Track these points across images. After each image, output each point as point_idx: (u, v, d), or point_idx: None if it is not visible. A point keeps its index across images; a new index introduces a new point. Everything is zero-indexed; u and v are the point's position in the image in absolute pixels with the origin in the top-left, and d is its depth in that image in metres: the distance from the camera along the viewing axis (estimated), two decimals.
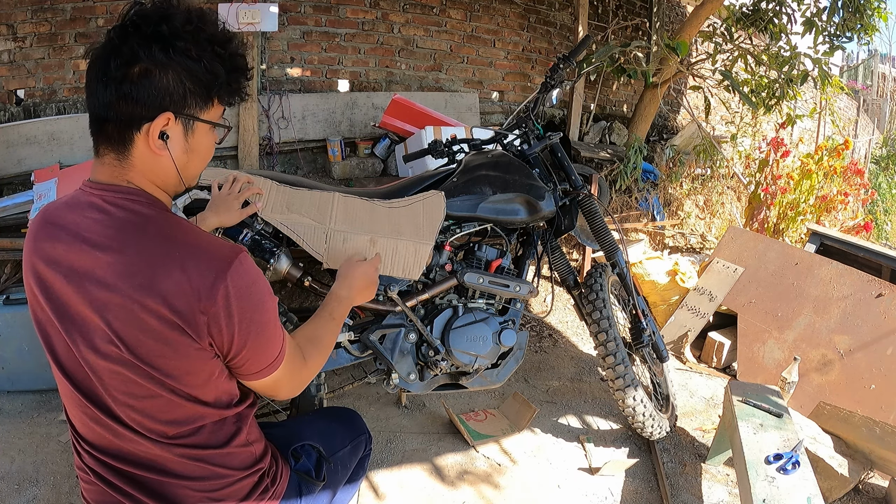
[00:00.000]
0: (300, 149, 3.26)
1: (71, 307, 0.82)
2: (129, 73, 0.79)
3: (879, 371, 2.28)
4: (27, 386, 2.21)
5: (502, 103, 4.08)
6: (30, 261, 0.86)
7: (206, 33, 0.84)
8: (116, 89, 0.80)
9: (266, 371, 0.91)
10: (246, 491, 0.95)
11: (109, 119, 0.82)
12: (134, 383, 0.83)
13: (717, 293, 2.87)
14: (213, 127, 0.91)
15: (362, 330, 1.56)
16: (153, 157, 0.85)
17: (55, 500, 1.70)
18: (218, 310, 0.81)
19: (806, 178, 3.64)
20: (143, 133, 0.82)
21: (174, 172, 0.87)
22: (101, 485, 0.90)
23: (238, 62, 0.89)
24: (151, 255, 0.80)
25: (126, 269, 0.80)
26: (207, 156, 0.93)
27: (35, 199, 2.35)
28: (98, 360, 0.82)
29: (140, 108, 0.81)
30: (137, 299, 0.79)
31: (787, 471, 1.54)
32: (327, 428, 1.22)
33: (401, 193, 1.65)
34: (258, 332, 0.86)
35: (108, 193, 0.84)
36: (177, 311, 0.79)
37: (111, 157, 0.85)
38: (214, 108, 0.89)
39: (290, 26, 3.23)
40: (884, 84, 11.13)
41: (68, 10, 2.75)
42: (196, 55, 0.82)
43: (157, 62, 0.80)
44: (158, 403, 0.85)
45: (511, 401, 2.27)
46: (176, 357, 0.82)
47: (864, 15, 3.44)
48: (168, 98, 0.82)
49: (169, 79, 0.81)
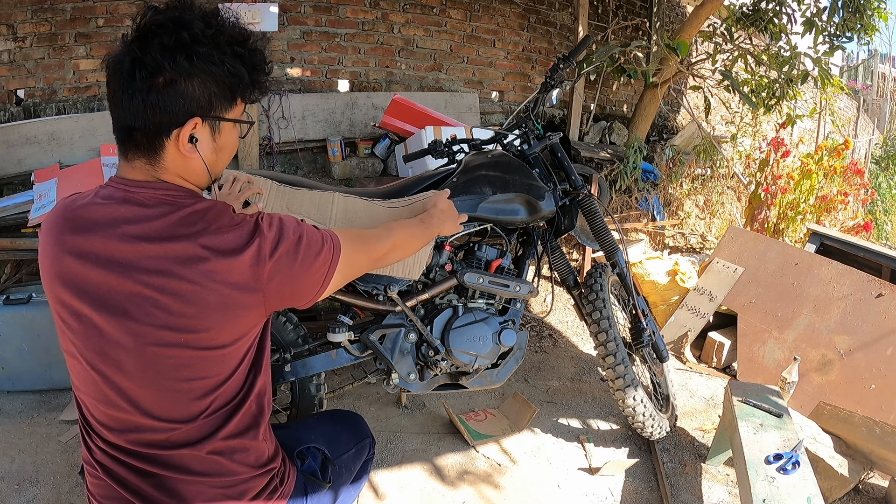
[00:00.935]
0: (300, 149, 3.26)
1: (113, 297, 0.83)
2: (155, 84, 0.81)
3: (879, 371, 2.28)
4: (27, 386, 2.21)
5: (502, 103, 4.08)
6: (56, 255, 0.85)
7: (226, 35, 0.85)
8: (143, 100, 0.81)
9: (330, 271, 0.96)
10: (258, 489, 0.96)
11: (137, 128, 0.84)
12: (184, 366, 0.86)
13: (717, 293, 2.87)
14: (236, 123, 0.93)
15: (362, 330, 1.56)
16: (184, 160, 0.87)
17: (55, 500, 1.70)
18: (272, 265, 0.87)
19: (806, 178, 3.64)
20: (172, 139, 0.85)
21: (204, 170, 0.91)
22: (110, 481, 0.90)
23: (258, 59, 0.90)
24: (201, 239, 0.84)
25: (179, 254, 0.83)
26: (233, 151, 0.97)
27: (35, 199, 2.35)
28: (146, 346, 0.84)
29: (168, 116, 0.83)
30: (196, 281, 0.83)
31: (787, 471, 1.54)
32: (332, 431, 1.24)
33: (401, 193, 1.65)
34: (303, 260, 0.92)
35: (142, 190, 0.86)
36: (236, 284, 0.85)
37: (141, 161, 0.87)
38: (238, 105, 0.92)
39: (290, 26, 3.23)
40: (884, 84, 11.13)
41: (68, 10, 2.75)
42: (219, 60, 0.83)
43: (181, 71, 0.81)
44: (205, 385, 0.88)
45: (511, 401, 2.27)
46: (236, 327, 0.88)
47: (864, 15, 3.44)
48: (195, 104, 0.84)
49: (194, 86, 0.83)
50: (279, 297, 0.91)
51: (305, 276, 0.93)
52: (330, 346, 1.58)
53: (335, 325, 1.52)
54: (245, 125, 0.95)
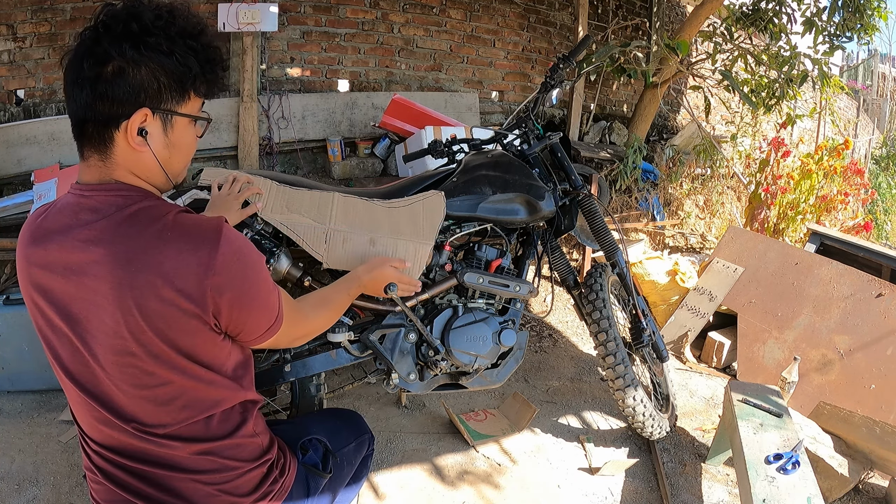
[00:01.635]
0: (300, 149, 3.26)
1: (73, 305, 0.83)
2: (103, 73, 0.80)
3: (879, 371, 2.28)
4: (27, 386, 2.21)
5: (502, 103, 4.08)
6: (25, 269, 0.86)
7: (177, 27, 0.84)
8: (92, 89, 0.80)
9: (268, 334, 0.94)
10: (255, 482, 0.96)
11: (88, 119, 0.82)
12: (143, 373, 0.84)
13: (717, 293, 2.87)
14: (193, 121, 0.91)
15: (362, 330, 1.56)
16: (134, 154, 0.85)
17: (55, 500, 1.70)
18: (221, 279, 0.82)
19: (806, 178, 3.64)
20: (122, 131, 0.83)
21: (157, 168, 0.88)
22: (110, 484, 0.90)
23: (212, 54, 0.88)
24: (146, 241, 0.81)
25: (122, 256, 0.80)
26: (190, 150, 0.94)
27: (35, 199, 2.35)
28: (106, 354, 0.83)
29: (117, 107, 0.81)
30: (138, 285, 0.80)
31: (787, 471, 1.54)
32: (333, 425, 1.25)
33: (401, 193, 1.65)
34: (256, 292, 0.89)
35: (96, 193, 0.84)
36: (181, 290, 0.80)
37: (95, 158, 0.85)
38: (192, 101, 0.89)
39: (290, 26, 3.23)
40: (884, 84, 11.13)
41: (68, 10, 2.75)
42: (167, 49, 0.82)
43: (128, 59, 0.80)
44: (169, 391, 0.86)
45: (511, 401, 2.27)
46: (184, 335, 0.83)
47: (864, 15, 3.44)
48: (143, 94, 0.82)
49: (142, 75, 0.81)
50: (229, 318, 0.87)
51: (255, 307, 0.90)
52: (330, 346, 1.58)
53: (335, 325, 1.51)
54: (202, 124, 0.93)
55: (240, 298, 0.86)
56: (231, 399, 0.93)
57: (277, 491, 0.99)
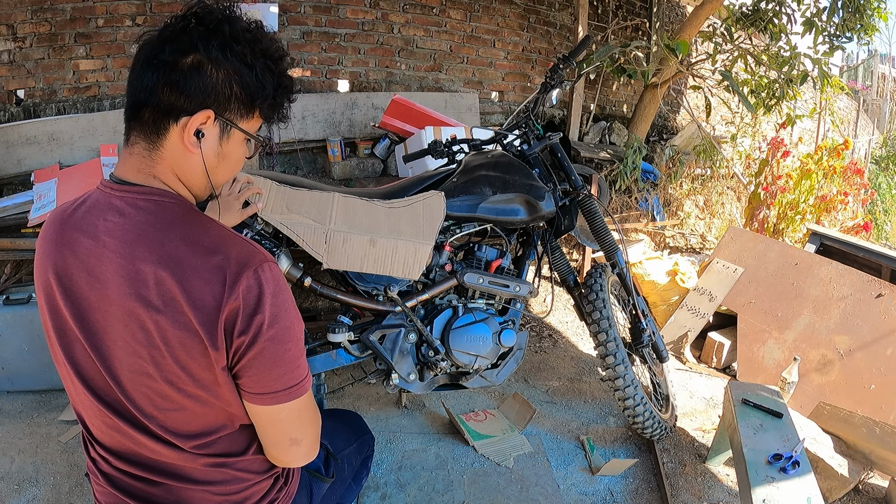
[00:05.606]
0: (300, 149, 3.26)
1: (91, 315, 0.81)
2: (182, 62, 0.78)
3: (879, 371, 2.28)
4: (27, 386, 2.21)
5: (502, 103, 4.08)
6: (48, 265, 0.83)
7: (263, 45, 0.83)
8: (165, 75, 0.78)
9: (273, 398, 0.84)
10: (263, 492, 0.96)
11: (148, 104, 0.80)
12: (158, 395, 0.82)
13: (717, 293, 2.87)
14: (247, 139, 0.89)
15: (362, 330, 1.56)
16: (184, 154, 0.83)
17: (55, 500, 1.70)
18: (238, 304, 0.78)
19: (806, 178, 3.64)
20: (179, 126, 0.81)
21: (203, 173, 0.85)
22: (115, 491, 0.89)
23: (286, 81, 0.88)
24: (174, 262, 0.77)
25: (144, 277, 0.77)
26: (237, 166, 0.92)
27: (35, 200, 2.35)
28: (122, 369, 0.81)
29: (183, 100, 0.79)
30: (163, 310, 0.77)
31: (787, 471, 1.54)
32: (333, 428, 1.24)
33: (401, 194, 1.65)
34: (278, 343, 0.81)
35: (129, 195, 0.81)
36: (200, 317, 0.77)
37: (141, 146, 0.83)
38: (254, 120, 0.88)
39: (290, 26, 3.23)
40: (884, 84, 11.12)
41: (68, 10, 2.75)
42: (250, 62, 0.81)
43: (212, 58, 0.79)
44: (184, 416, 0.84)
45: (511, 401, 2.27)
46: (203, 371, 0.81)
47: (864, 15, 3.45)
48: (213, 96, 0.81)
49: (219, 77, 0.80)
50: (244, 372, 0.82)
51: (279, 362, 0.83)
52: (330, 347, 1.58)
53: (335, 326, 1.52)
54: (254, 144, 0.91)
55: (259, 339, 0.81)
56: (245, 417, 0.90)
57: (282, 499, 0.99)
